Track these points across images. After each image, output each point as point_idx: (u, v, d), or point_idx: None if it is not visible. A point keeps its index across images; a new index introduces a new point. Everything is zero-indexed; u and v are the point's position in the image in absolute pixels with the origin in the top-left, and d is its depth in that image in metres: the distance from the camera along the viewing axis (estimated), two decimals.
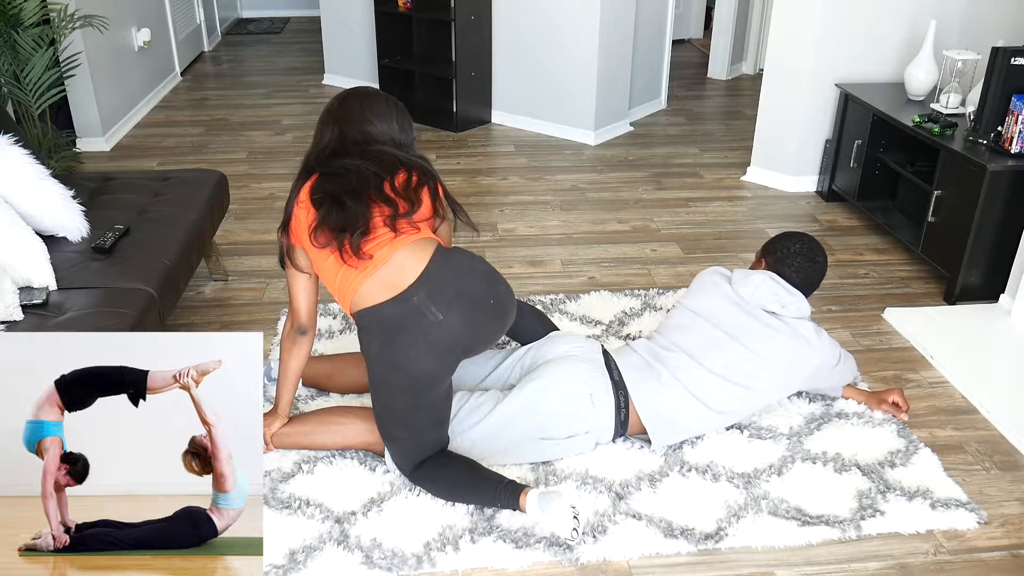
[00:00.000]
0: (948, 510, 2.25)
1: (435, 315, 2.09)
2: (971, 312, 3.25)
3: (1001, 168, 3.12)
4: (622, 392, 2.38)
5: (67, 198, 2.73)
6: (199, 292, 3.34)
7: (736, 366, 2.39)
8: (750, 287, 2.48)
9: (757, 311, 2.45)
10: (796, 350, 2.43)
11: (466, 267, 2.18)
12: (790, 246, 2.55)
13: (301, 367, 2.32)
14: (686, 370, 2.38)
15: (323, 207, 2.10)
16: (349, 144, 2.19)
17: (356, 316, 2.14)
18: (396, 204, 2.13)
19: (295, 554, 2.07)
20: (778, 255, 2.55)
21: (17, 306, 2.34)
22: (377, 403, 2.21)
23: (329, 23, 6.10)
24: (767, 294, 2.46)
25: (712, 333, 2.43)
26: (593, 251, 3.74)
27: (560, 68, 4.99)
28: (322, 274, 2.19)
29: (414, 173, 2.18)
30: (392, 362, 2.11)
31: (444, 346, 2.12)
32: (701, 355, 2.40)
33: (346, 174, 2.13)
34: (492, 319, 2.20)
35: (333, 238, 2.09)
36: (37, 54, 4.01)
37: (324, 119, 2.25)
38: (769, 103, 4.36)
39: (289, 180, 4.44)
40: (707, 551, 2.13)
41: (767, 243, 2.63)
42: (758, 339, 2.41)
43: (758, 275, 2.50)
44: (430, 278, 2.10)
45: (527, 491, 2.10)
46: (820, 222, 4.06)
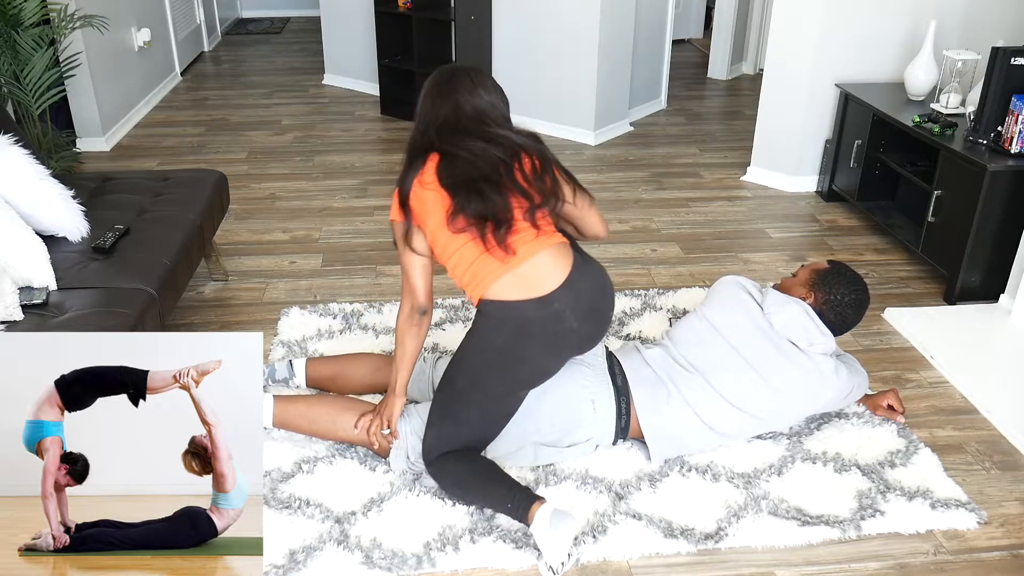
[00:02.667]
0: (948, 510, 2.25)
1: (572, 323, 2.15)
2: (971, 312, 3.25)
3: (1001, 168, 3.12)
4: (624, 398, 2.36)
5: (67, 198, 2.73)
6: (199, 292, 3.34)
7: (749, 395, 2.35)
8: (783, 319, 2.40)
9: (781, 340, 2.38)
10: (812, 387, 2.40)
11: (600, 280, 2.24)
12: (844, 295, 2.45)
13: (419, 348, 2.31)
14: (698, 393, 2.34)
15: (459, 194, 2.09)
16: (465, 120, 2.15)
17: (485, 304, 2.14)
18: (531, 196, 2.12)
19: (295, 554, 2.07)
20: (829, 299, 2.45)
21: (17, 306, 2.34)
22: (452, 384, 2.23)
23: (329, 23, 6.10)
24: (798, 329, 2.39)
25: (730, 356, 2.37)
26: (593, 251, 3.72)
27: (560, 68, 4.99)
28: (449, 257, 2.16)
29: (535, 158, 2.16)
30: (518, 356, 2.15)
31: (568, 350, 2.23)
32: (716, 378, 2.35)
33: (472, 159, 2.11)
34: (607, 328, 2.31)
35: (474, 225, 2.09)
36: (37, 54, 4.01)
37: (434, 93, 2.19)
38: (769, 103, 4.36)
39: (289, 180, 4.49)
40: (707, 551, 2.13)
41: (822, 276, 2.50)
42: (776, 371, 2.36)
43: (794, 307, 2.41)
44: (573, 287, 2.13)
45: (541, 503, 2.06)
46: (820, 222, 4.06)
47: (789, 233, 3.94)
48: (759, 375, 2.35)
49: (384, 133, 5.30)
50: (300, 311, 3.15)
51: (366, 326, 3.06)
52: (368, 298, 3.30)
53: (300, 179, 4.51)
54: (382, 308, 3.18)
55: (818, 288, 2.48)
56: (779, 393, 2.36)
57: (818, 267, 2.55)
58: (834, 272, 2.51)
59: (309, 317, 3.11)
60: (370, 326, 3.06)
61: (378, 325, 3.06)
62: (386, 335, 3.01)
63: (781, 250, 3.77)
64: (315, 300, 3.28)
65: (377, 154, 4.94)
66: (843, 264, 2.57)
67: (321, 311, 3.15)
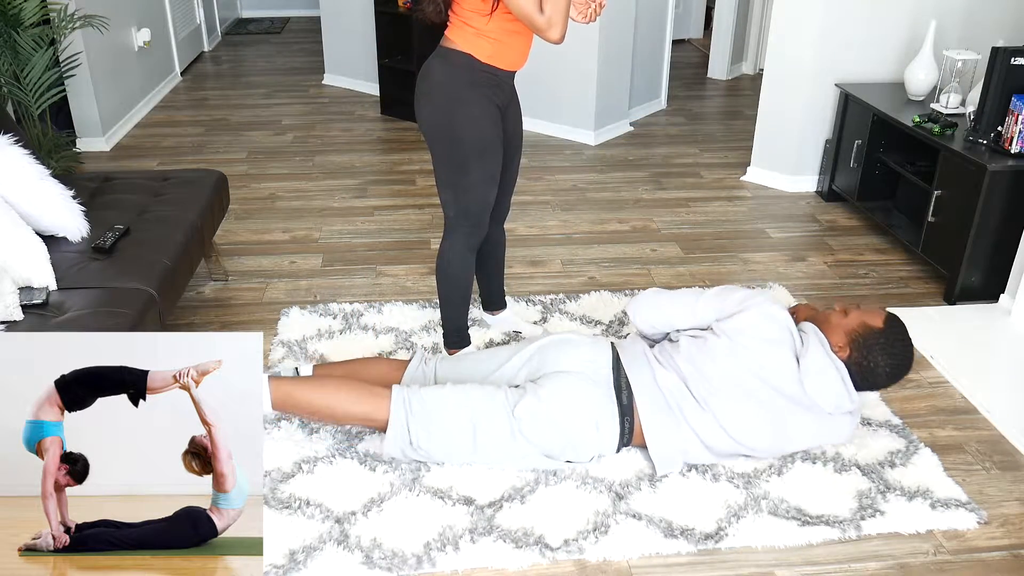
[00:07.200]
0: (948, 510, 2.25)
1: None
2: (971, 312, 3.25)
3: (1001, 168, 3.12)
4: (628, 418, 2.33)
5: (67, 198, 2.73)
6: (199, 292, 3.34)
7: (757, 436, 2.32)
8: (817, 385, 2.28)
9: (808, 399, 2.31)
10: (821, 437, 2.38)
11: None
12: (881, 366, 2.34)
13: None
14: (706, 427, 2.30)
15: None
16: None
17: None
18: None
19: (295, 554, 2.07)
20: (864, 364, 2.34)
21: (17, 306, 2.34)
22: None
23: (329, 23, 6.10)
24: (830, 395, 2.30)
25: (749, 403, 2.28)
26: (593, 251, 3.74)
27: (560, 68, 4.99)
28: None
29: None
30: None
31: None
32: (728, 420, 2.29)
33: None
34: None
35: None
36: (37, 54, 4.02)
37: None
38: (769, 103, 4.36)
39: (289, 180, 4.50)
40: (707, 551, 2.13)
41: (868, 337, 2.34)
42: (793, 423, 2.32)
43: (832, 374, 2.29)
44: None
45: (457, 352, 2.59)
46: (820, 222, 4.06)
47: (789, 233, 3.94)
48: (773, 422, 2.31)
49: (384, 133, 5.30)
50: (300, 311, 3.15)
51: (366, 326, 3.06)
52: (368, 298, 3.30)
53: (300, 179, 4.51)
54: (382, 308, 3.18)
55: (858, 348, 2.35)
56: (790, 439, 2.35)
57: (870, 323, 2.37)
58: (883, 338, 2.35)
59: (309, 317, 3.11)
60: (370, 326, 3.06)
61: (378, 325, 3.06)
62: (386, 335, 3.01)
63: (781, 250, 3.77)
64: (315, 300, 3.28)
65: (377, 154, 4.94)
66: (896, 327, 2.38)
67: (321, 311, 3.15)
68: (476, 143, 2.47)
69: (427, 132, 2.52)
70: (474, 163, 2.49)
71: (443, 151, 2.51)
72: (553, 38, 2.31)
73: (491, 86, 2.47)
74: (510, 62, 2.48)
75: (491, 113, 2.48)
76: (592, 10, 2.47)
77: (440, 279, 2.73)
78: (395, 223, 3.98)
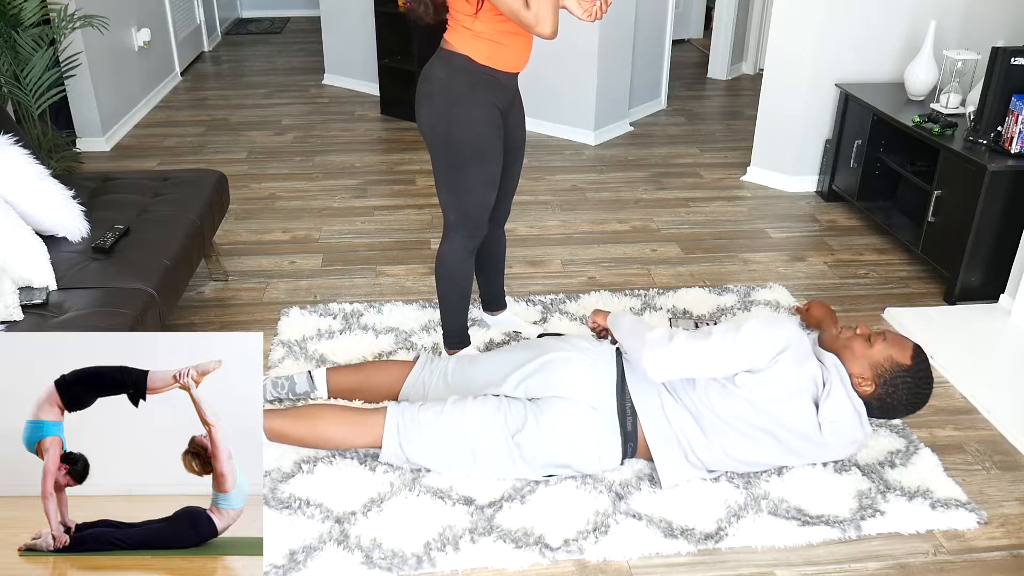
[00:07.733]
0: (948, 510, 2.25)
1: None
2: (971, 312, 3.25)
3: (1001, 168, 3.12)
4: (632, 444, 2.30)
5: (67, 198, 2.73)
6: (199, 292, 3.34)
7: (759, 462, 2.32)
8: (833, 431, 2.25)
9: (821, 439, 2.27)
10: (828, 457, 2.37)
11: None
12: (903, 399, 2.29)
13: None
14: (717, 461, 2.29)
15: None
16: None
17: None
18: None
19: (295, 554, 2.07)
20: (886, 399, 2.29)
21: (17, 306, 2.34)
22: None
23: (329, 23, 6.10)
24: (844, 440, 2.28)
25: (760, 443, 2.26)
26: (593, 251, 3.74)
27: (560, 68, 4.99)
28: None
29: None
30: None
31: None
32: (740, 455, 2.28)
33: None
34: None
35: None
36: (37, 54, 4.02)
37: None
38: (769, 103, 4.36)
39: (289, 180, 4.49)
40: (707, 551, 2.13)
41: (896, 374, 2.27)
42: (803, 453, 2.31)
43: (854, 422, 2.26)
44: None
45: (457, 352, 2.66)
46: (820, 222, 4.06)
47: (789, 233, 3.94)
48: (782, 452, 2.29)
49: (384, 133, 5.30)
50: (300, 311, 3.15)
51: (366, 326, 3.06)
52: (368, 298, 3.30)
53: (300, 179, 4.51)
54: (382, 308, 3.17)
55: (884, 384, 2.29)
56: (795, 459, 2.34)
57: (898, 360, 2.29)
58: (910, 377, 2.28)
59: (309, 317, 3.11)
60: (370, 326, 3.05)
61: (378, 325, 3.06)
62: (386, 335, 3.01)
63: (781, 250, 3.77)
64: (315, 300, 3.28)
65: (377, 154, 4.94)
66: (923, 362, 2.30)
67: (321, 311, 3.15)
68: (475, 145, 2.46)
69: (427, 134, 2.51)
70: (473, 165, 2.48)
71: (442, 153, 2.50)
72: (544, 33, 2.25)
73: (492, 88, 2.45)
74: (509, 63, 2.46)
75: (491, 115, 2.47)
76: (597, 8, 2.44)
77: (439, 281, 2.73)
78: (395, 223, 3.98)
